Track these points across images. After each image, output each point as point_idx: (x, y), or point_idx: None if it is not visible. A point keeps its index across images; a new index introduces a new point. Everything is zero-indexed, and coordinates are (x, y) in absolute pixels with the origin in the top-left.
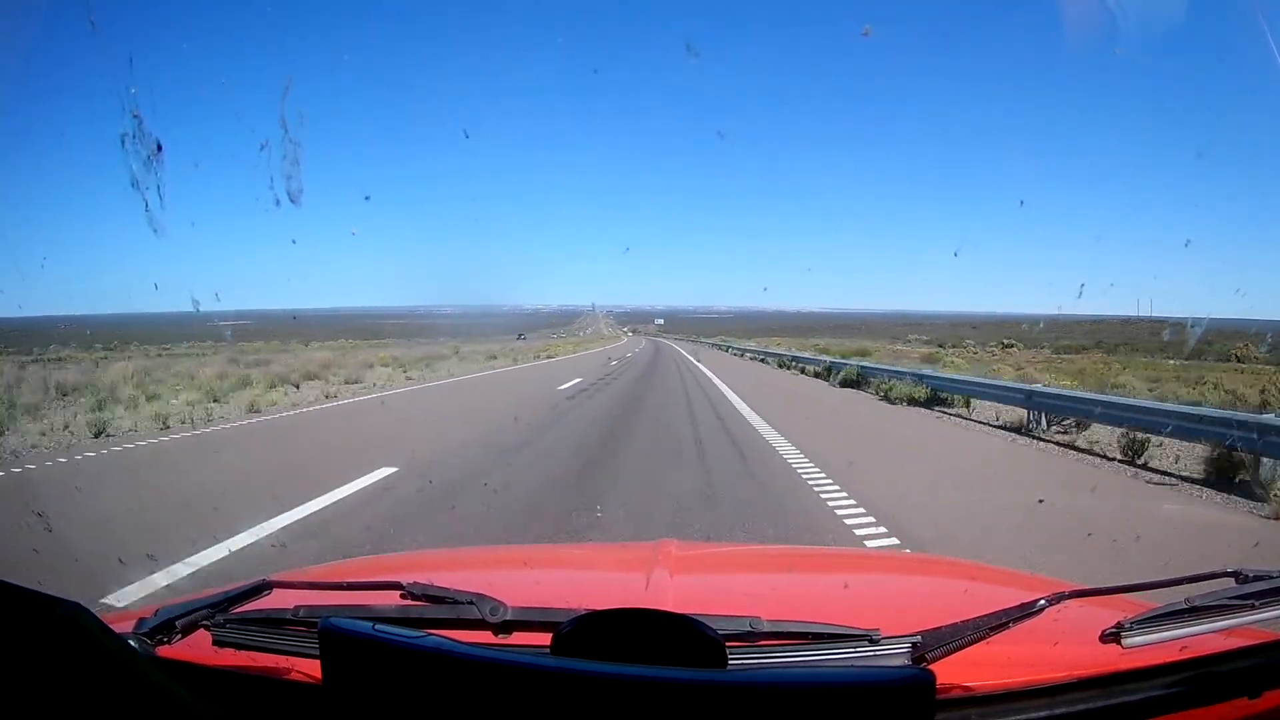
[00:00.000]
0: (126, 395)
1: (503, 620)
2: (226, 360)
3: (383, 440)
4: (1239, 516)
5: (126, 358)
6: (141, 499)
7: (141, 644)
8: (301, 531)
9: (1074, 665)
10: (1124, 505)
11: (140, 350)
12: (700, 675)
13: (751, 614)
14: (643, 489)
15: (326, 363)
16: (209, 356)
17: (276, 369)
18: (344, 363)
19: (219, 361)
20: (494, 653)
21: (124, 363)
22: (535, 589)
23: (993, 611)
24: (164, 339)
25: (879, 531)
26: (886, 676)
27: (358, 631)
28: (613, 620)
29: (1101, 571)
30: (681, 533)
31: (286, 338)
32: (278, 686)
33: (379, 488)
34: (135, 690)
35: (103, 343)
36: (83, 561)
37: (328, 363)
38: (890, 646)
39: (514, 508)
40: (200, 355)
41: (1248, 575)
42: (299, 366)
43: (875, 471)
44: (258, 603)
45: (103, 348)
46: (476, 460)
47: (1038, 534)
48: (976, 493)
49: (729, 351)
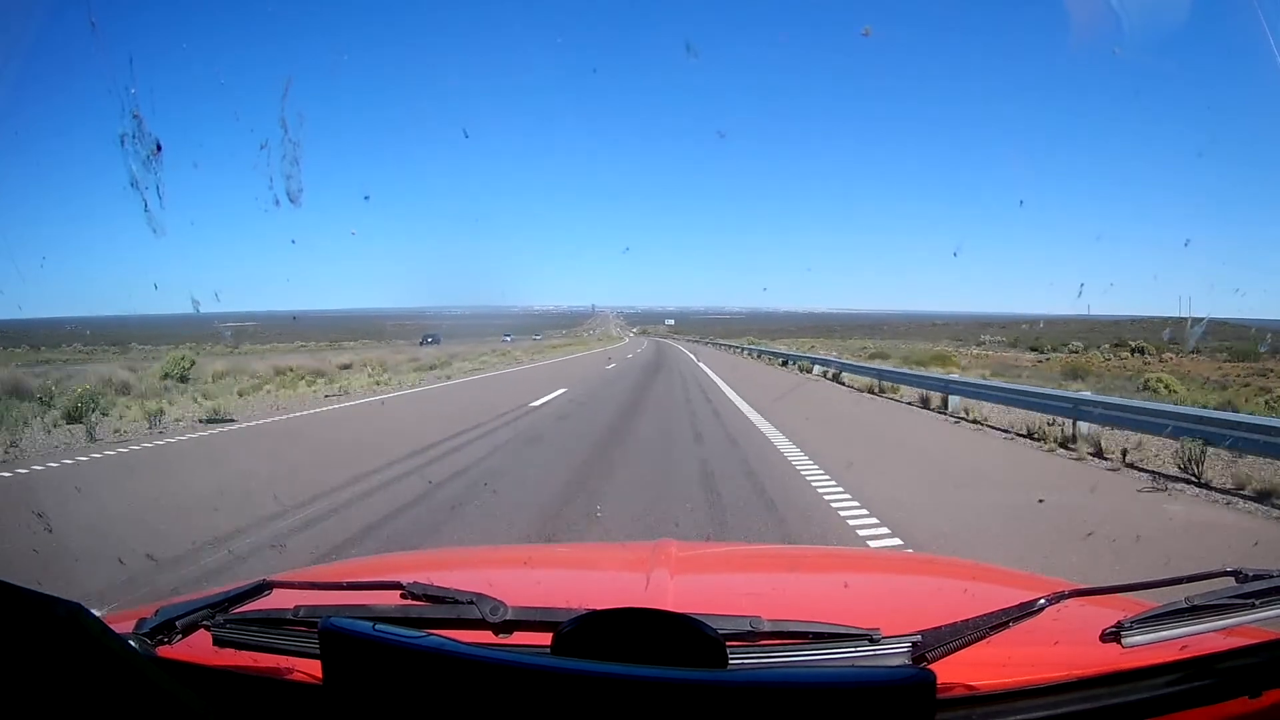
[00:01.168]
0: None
1: (503, 620)
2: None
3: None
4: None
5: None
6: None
7: (141, 644)
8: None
9: (1074, 665)
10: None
11: (150, 350)
12: (701, 675)
13: (752, 614)
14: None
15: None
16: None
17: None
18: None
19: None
20: (494, 653)
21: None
22: (535, 589)
23: (993, 611)
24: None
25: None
26: (887, 676)
27: (358, 631)
28: (613, 620)
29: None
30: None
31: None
32: (278, 686)
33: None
34: (135, 690)
35: (118, 343)
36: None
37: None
38: (890, 646)
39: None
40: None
41: (1247, 574)
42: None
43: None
44: (258, 603)
45: (138, 346)
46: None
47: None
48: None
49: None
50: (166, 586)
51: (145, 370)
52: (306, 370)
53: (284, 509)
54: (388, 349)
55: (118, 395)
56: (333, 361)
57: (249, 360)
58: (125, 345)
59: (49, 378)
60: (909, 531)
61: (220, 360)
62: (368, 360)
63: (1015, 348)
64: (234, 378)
